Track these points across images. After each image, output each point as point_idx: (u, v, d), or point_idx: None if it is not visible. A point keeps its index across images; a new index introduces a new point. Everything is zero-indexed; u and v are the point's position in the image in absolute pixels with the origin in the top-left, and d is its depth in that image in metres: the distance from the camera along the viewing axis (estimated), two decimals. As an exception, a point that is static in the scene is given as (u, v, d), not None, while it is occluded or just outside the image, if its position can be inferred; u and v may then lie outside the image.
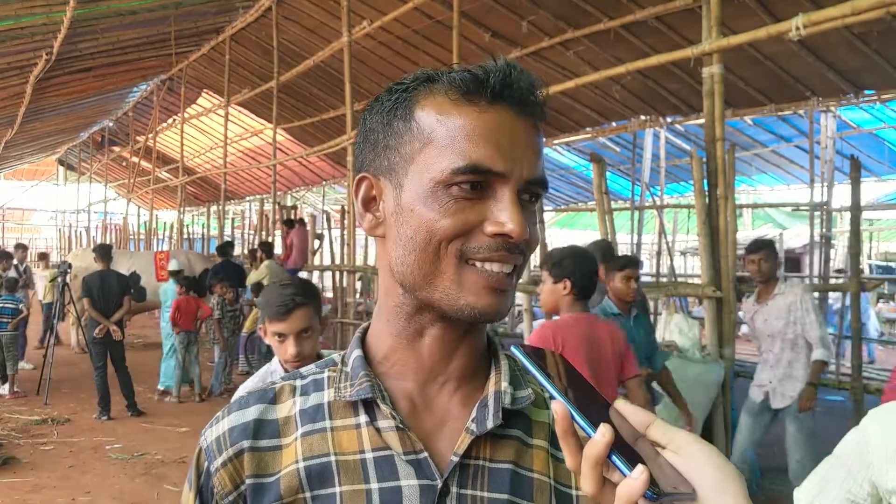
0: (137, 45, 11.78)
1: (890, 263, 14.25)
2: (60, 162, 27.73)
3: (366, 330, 0.82)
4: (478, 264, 0.70)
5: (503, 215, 0.69)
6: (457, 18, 6.55)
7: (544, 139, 0.76)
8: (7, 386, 8.31)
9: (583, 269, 2.96)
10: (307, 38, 10.85)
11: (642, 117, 9.66)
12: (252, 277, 9.33)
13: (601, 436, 0.55)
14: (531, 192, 0.73)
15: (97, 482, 5.44)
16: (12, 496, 5.11)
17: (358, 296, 11.01)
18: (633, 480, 0.53)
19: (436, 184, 0.70)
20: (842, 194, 10.61)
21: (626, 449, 0.55)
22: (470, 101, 0.71)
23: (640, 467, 0.53)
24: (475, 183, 0.69)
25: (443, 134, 0.71)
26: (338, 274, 10.81)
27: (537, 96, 0.73)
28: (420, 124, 0.72)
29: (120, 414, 7.37)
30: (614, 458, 0.54)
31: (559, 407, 0.58)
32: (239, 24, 11.25)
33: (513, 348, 0.65)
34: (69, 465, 5.84)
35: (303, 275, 10.35)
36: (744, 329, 13.83)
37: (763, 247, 4.39)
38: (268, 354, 8.81)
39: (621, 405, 0.58)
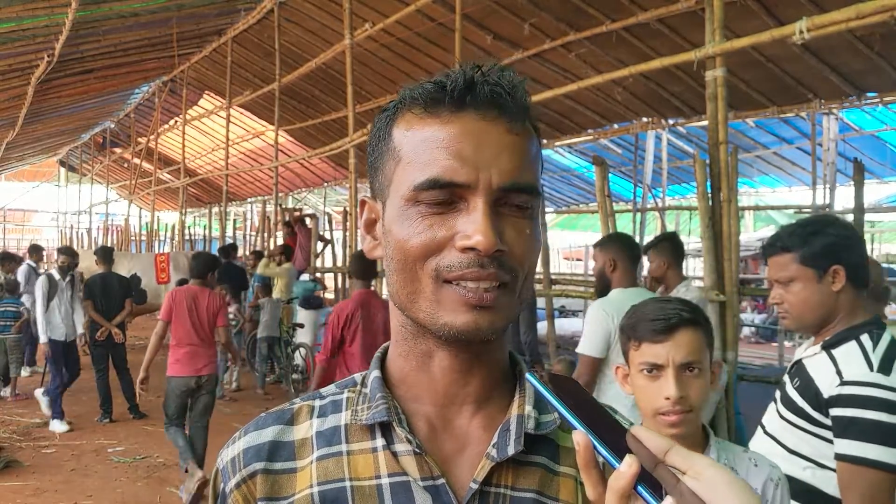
0: (139, 47, 11.78)
1: (891, 265, 14.19)
2: (62, 163, 27.72)
3: (386, 349, 0.80)
4: (454, 282, 0.67)
5: (470, 227, 0.66)
6: (458, 21, 6.53)
7: (536, 141, 0.72)
8: (9, 389, 8.32)
9: (198, 265, 5.60)
10: (309, 40, 10.84)
11: (644, 119, 9.64)
12: (263, 270, 9.36)
13: (627, 467, 0.54)
14: (514, 201, 0.68)
15: (99, 485, 5.43)
16: (14, 500, 5.10)
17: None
18: None
19: (405, 202, 0.69)
20: (844, 196, 10.61)
21: (648, 478, 0.54)
22: (432, 113, 0.69)
23: (668, 499, 0.52)
24: (442, 197, 0.67)
25: (408, 150, 0.69)
26: (339, 276, 10.80)
27: (507, 97, 0.69)
28: (394, 143, 0.71)
29: (122, 416, 7.38)
30: (641, 489, 0.53)
31: (581, 438, 0.57)
32: (241, 25, 11.24)
33: (528, 376, 0.64)
34: (71, 468, 5.84)
35: (304, 277, 10.35)
36: (745, 331, 13.85)
37: (651, 246, 4.31)
38: (268, 357, 8.86)
39: (638, 431, 0.57)
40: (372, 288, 5.09)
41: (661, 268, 4.14)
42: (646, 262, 4.47)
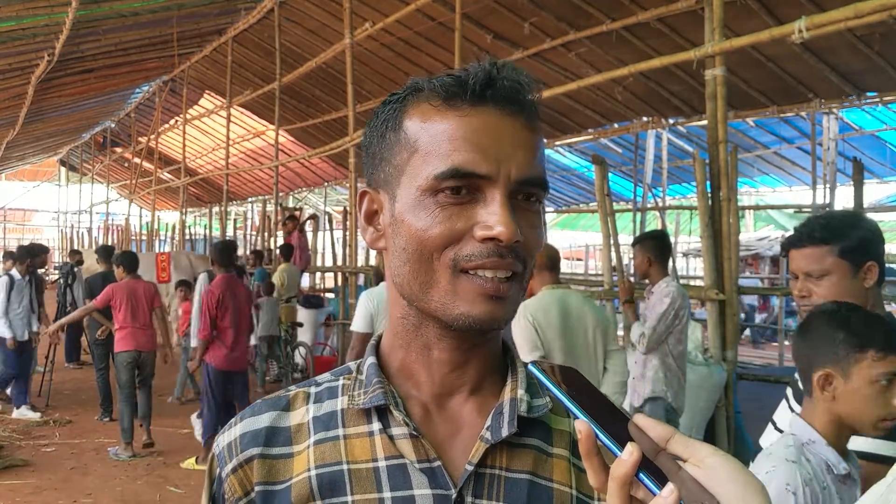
0: (139, 47, 11.78)
1: (891, 265, 14.20)
2: (62, 163, 27.74)
3: (381, 338, 0.81)
4: (471, 272, 0.68)
5: (491, 218, 0.67)
6: (458, 20, 6.54)
7: (543, 139, 0.75)
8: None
9: (129, 261, 6.59)
10: (309, 39, 10.85)
11: (644, 119, 9.65)
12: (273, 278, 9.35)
13: (629, 455, 0.54)
14: (527, 194, 0.71)
15: (99, 484, 5.44)
16: (13, 498, 5.11)
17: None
18: (664, 500, 0.52)
19: (422, 192, 0.69)
20: (844, 196, 10.61)
21: (650, 465, 0.54)
22: (452, 105, 0.70)
23: (669, 486, 0.52)
24: (461, 188, 0.68)
25: (426, 141, 0.70)
26: (339, 275, 10.80)
27: (524, 94, 0.71)
28: (407, 133, 0.72)
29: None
30: (642, 476, 0.54)
31: (583, 426, 0.57)
32: (241, 25, 11.24)
33: (529, 366, 0.64)
34: (70, 466, 5.84)
35: (305, 277, 10.36)
36: (746, 332, 13.84)
37: (635, 242, 4.37)
38: (269, 356, 8.85)
39: (640, 419, 0.57)
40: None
41: (643, 264, 4.15)
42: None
